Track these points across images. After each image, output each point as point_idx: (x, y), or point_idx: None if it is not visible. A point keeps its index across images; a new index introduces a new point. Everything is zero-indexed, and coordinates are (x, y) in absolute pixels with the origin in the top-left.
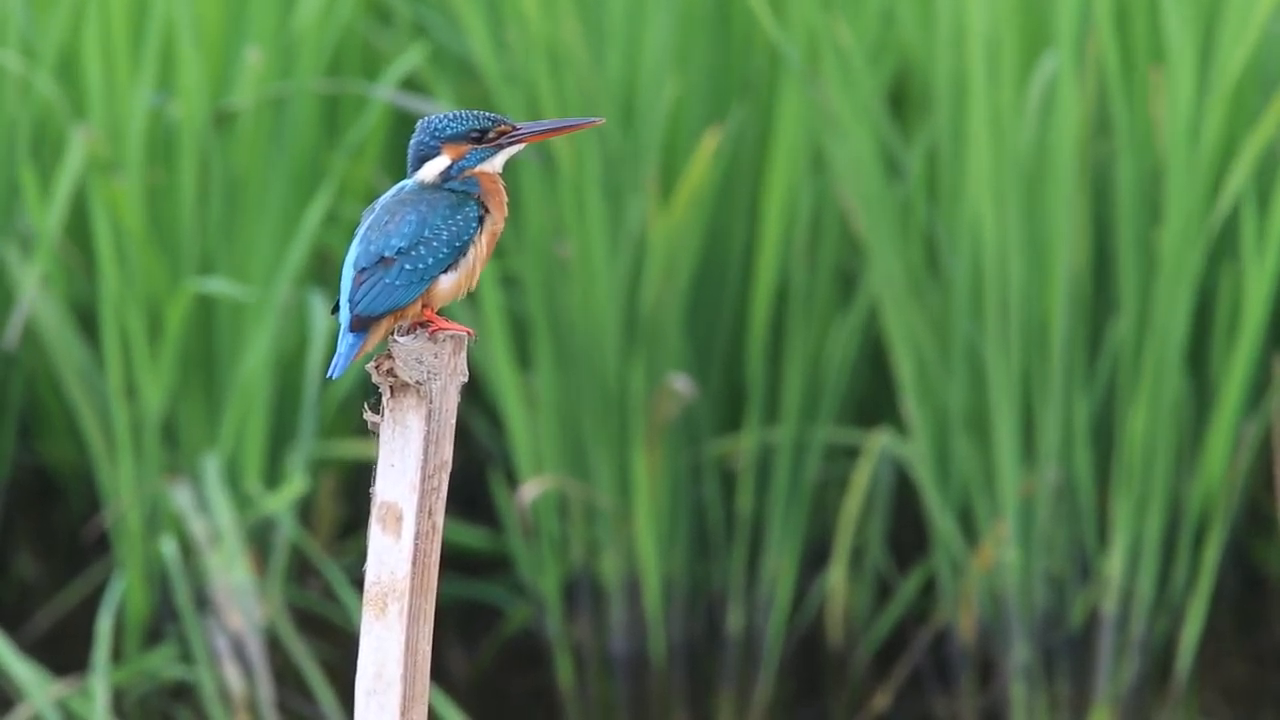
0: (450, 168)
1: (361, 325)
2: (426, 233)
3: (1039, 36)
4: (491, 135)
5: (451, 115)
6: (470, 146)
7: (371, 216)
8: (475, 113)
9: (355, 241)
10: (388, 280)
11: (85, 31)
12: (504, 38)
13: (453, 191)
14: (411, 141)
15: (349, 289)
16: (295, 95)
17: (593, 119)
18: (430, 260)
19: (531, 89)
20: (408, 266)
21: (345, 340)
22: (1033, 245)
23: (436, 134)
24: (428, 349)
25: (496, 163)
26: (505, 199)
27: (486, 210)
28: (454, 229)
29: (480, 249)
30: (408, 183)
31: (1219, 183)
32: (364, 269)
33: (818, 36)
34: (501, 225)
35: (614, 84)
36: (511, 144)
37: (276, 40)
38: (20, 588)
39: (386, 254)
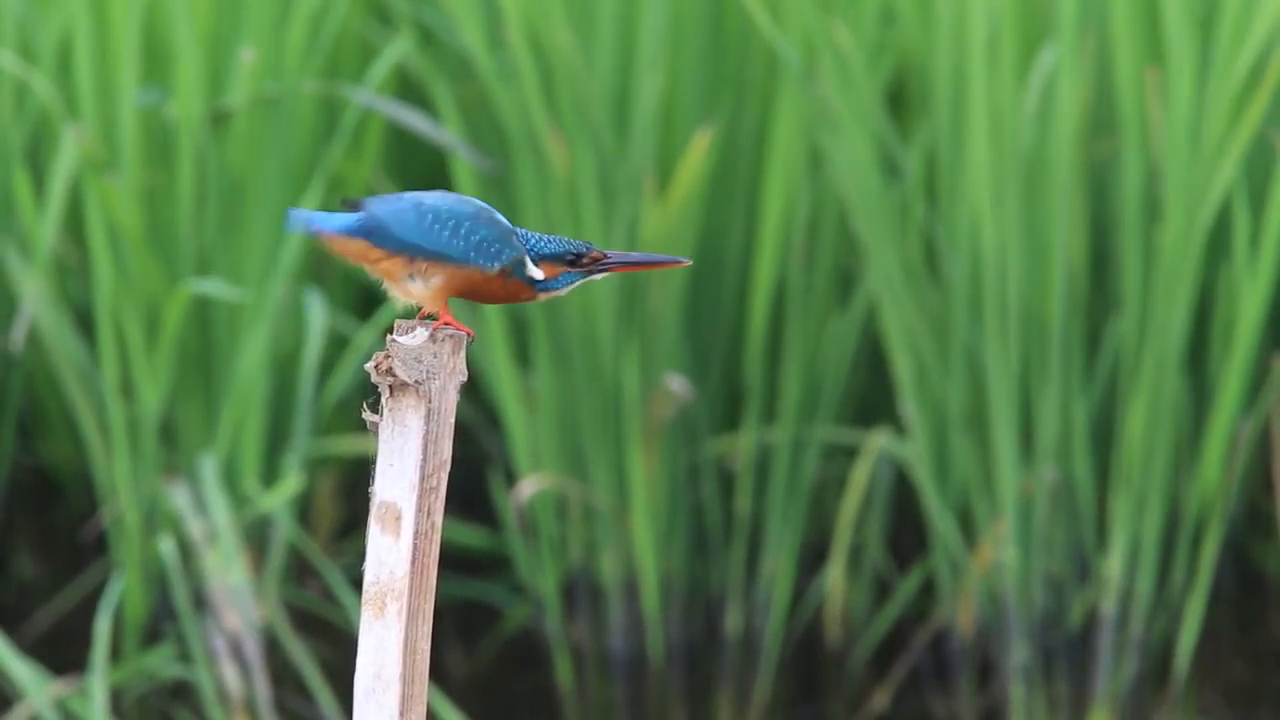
0: (543, 282)
1: (373, 225)
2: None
3: (1038, 34)
4: (585, 261)
5: (545, 236)
6: (564, 269)
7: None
8: (568, 240)
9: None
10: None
11: (78, 30)
12: (501, 36)
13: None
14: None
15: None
16: (290, 95)
17: (679, 259)
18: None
19: (523, 88)
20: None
21: (340, 218)
22: (1031, 244)
23: (533, 250)
24: (426, 349)
25: (577, 285)
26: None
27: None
28: (486, 238)
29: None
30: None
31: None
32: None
33: (815, 37)
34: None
35: (605, 84)
36: (600, 272)
37: (272, 39)
38: (19, 587)
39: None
